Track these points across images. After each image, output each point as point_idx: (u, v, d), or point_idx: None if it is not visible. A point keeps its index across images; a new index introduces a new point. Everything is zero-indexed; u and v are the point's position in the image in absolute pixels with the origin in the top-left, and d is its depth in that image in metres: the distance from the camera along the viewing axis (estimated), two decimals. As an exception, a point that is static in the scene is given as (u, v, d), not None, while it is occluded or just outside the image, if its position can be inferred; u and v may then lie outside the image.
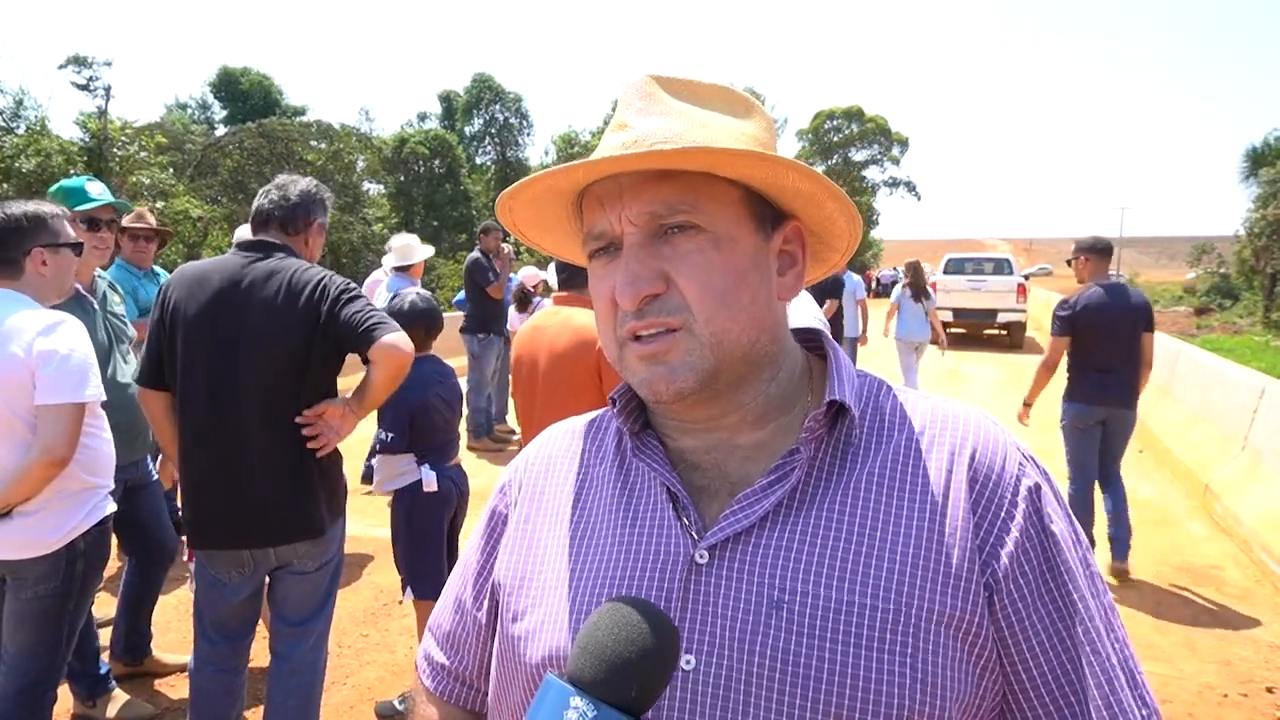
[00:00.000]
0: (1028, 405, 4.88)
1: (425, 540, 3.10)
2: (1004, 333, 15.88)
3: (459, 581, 0.93)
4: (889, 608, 0.67)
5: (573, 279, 2.64)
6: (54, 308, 2.62)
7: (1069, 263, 4.83)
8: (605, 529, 0.79)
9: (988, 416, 0.79)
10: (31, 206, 2.35)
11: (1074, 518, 0.77)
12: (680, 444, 0.81)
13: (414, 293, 3.23)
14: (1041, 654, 0.69)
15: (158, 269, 4.12)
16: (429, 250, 6.12)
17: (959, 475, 0.73)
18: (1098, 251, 4.60)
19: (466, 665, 0.91)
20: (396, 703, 3.19)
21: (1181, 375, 7.86)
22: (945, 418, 0.77)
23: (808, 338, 0.87)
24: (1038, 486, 0.74)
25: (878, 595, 0.68)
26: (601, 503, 0.82)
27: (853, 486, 0.73)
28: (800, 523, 0.72)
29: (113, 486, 2.47)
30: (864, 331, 9.07)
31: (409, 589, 3.12)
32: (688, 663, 0.69)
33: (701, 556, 0.72)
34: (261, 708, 2.56)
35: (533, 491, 0.88)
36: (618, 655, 0.57)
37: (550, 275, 2.96)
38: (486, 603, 0.87)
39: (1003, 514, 0.71)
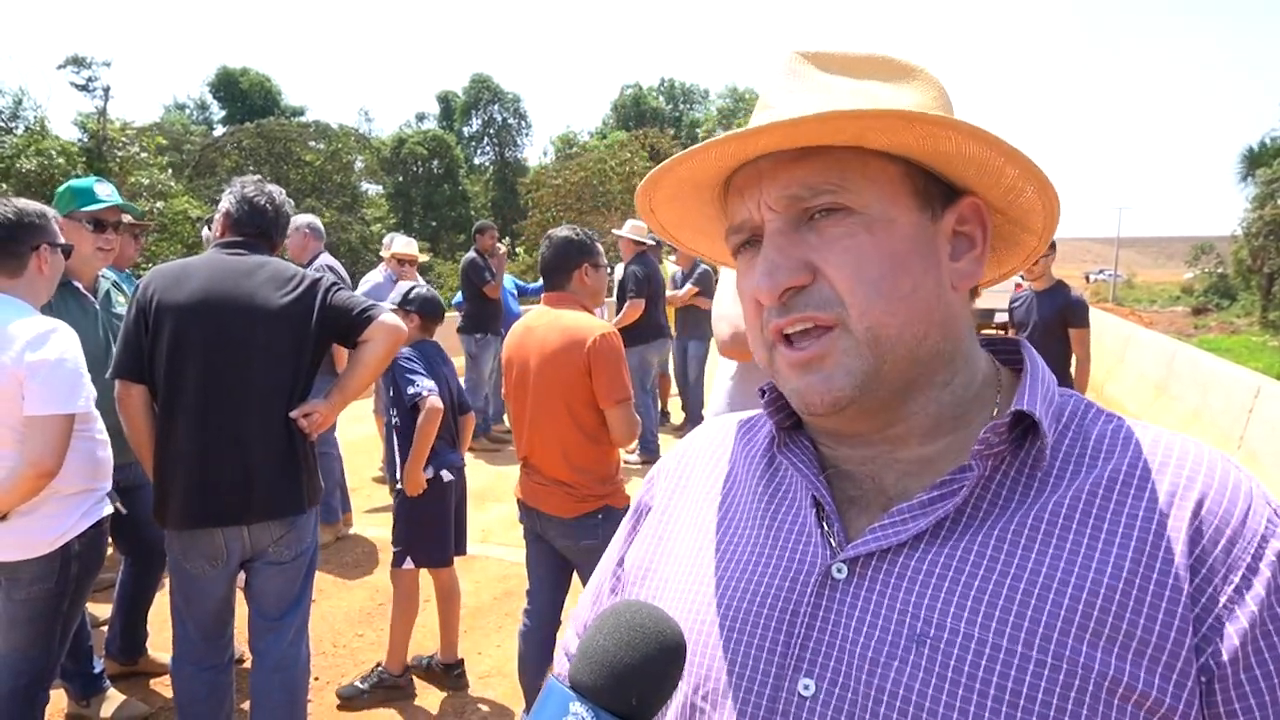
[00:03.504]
0: None
1: (431, 515, 3.19)
2: (1001, 332, 15.92)
3: (601, 572, 0.88)
4: (1059, 665, 0.55)
5: (554, 279, 2.64)
6: (55, 305, 2.64)
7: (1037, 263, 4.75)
8: (741, 529, 0.73)
9: (1227, 458, 0.64)
10: (35, 204, 2.36)
11: None
12: (835, 451, 0.72)
13: (418, 284, 3.44)
14: None
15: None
16: (409, 242, 6.14)
17: (1178, 523, 0.58)
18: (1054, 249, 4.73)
19: None
20: (359, 683, 3.24)
21: (1178, 375, 7.87)
22: (1169, 451, 0.63)
23: (1004, 347, 0.75)
24: None
25: (1045, 648, 0.56)
26: (742, 501, 0.75)
27: (1034, 516, 0.61)
28: (960, 549, 0.61)
29: (110, 488, 2.47)
30: None
31: (408, 558, 3.18)
32: (806, 688, 0.62)
33: (839, 570, 0.64)
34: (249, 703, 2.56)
35: (675, 483, 0.84)
36: (619, 661, 0.55)
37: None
38: (620, 594, 0.84)
39: (1237, 580, 0.56)
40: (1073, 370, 4.69)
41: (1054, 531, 0.60)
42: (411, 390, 3.07)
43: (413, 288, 3.29)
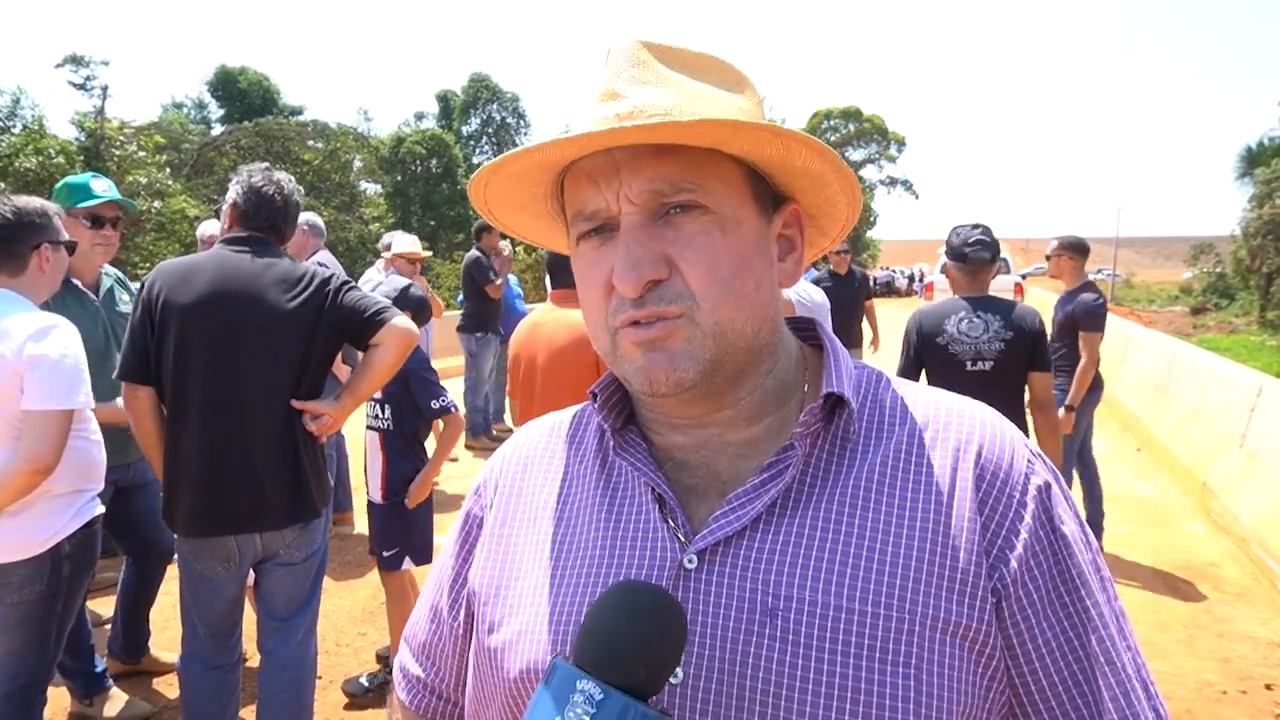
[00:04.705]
0: (1072, 409, 4.53)
1: (425, 515, 3.24)
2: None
3: (434, 588, 0.87)
4: (890, 615, 0.63)
5: (564, 276, 2.62)
6: (55, 304, 2.62)
7: (1048, 258, 4.83)
8: (587, 533, 0.74)
9: (993, 411, 0.74)
10: (38, 202, 2.34)
11: (1083, 519, 0.72)
12: (667, 440, 0.76)
13: (404, 281, 3.38)
14: (1053, 663, 0.65)
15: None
16: (414, 240, 5.99)
17: (964, 473, 0.68)
18: (1082, 252, 4.75)
19: (443, 678, 0.86)
20: (364, 679, 3.26)
21: (1179, 374, 7.87)
22: (949, 412, 0.73)
23: (801, 327, 0.82)
24: (1047, 485, 0.70)
25: (879, 602, 0.64)
26: (582, 505, 0.76)
27: (851, 485, 0.68)
28: (795, 524, 0.67)
29: (101, 489, 2.43)
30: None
31: (407, 558, 3.17)
32: (675, 676, 0.64)
33: (690, 562, 0.68)
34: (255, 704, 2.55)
35: (509, 492, 0.83)
36: (623, 637, 0.56)
37: None
38: (462, 612, 0.82)
39: (1011, 514, 0.67)
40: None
41: (870, 496, 0.68)
42: (438, 404, 3.08)
43: (408, 286, 3.27)
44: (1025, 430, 3.81)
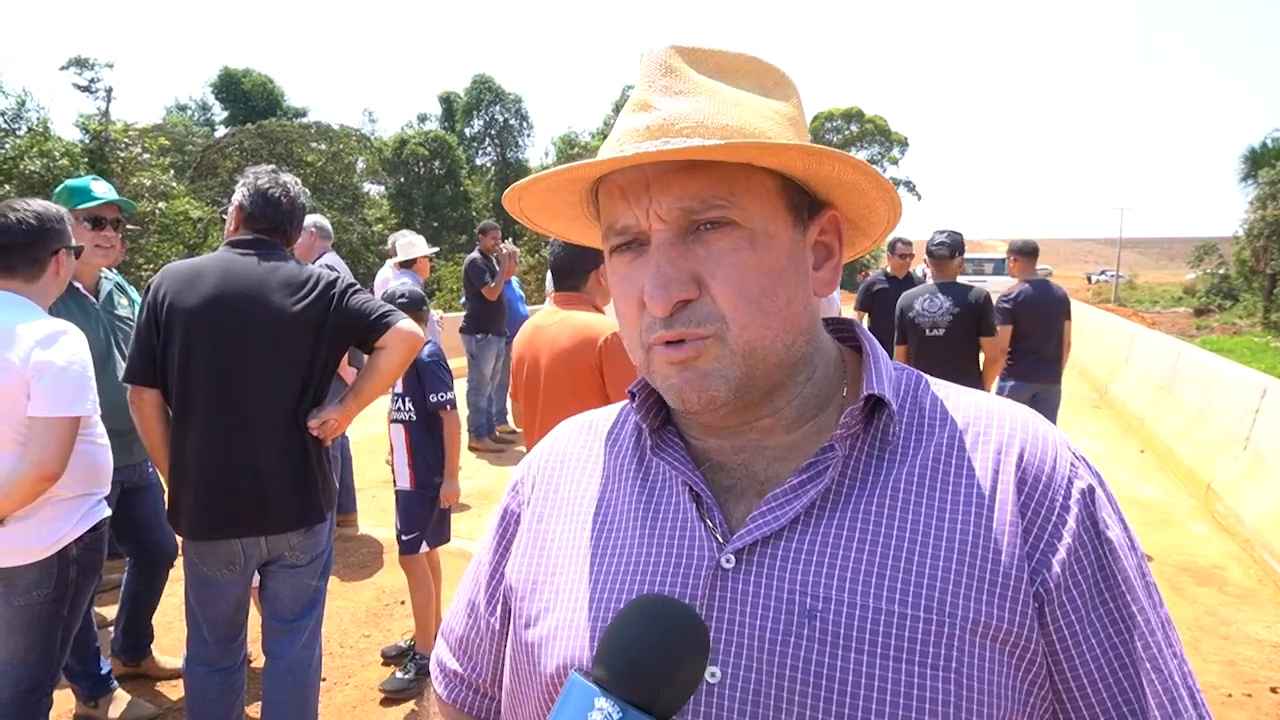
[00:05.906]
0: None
1: (432, 495, 3.39)
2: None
3: (471, 584, 0.88)
4: (930, 617, 0.63)
5: (569, 280, 2.62)
6: (57, 306, 2.62)
7: (1003, 261, 5.52)
8: (624, 531, 0.74)
9: (1035, 414, 0.73)
10: (55, 207, 2.35)
11: (1129, 524, 0.71)
12: (705, 444, 0.76)
13: (402, 283, 3.53)
14: (1097, 670, 0.64)
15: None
16: (421, 240, 6.14)
17: (1006, 476, 0.67)
18: (1026, 253, 5.39)
19: (480, 672, 0.86)
20: (399, 673, 3.34)
21: (1183, 375, 7.85)
22: (990, 414, 0.72)
23: (839, 328, 0.81)
24: (1091, 489, 0.69)
25: (918, 604, 0.63)
26: (620, 502, 0.77)
27: (890, 487, 0.68)
28: (834, 525, 0.67)
29: (108, 492, 2.44)
30: None
31: (424, 543, 3.32)
32: (712, 675, 0.64)
33: (728, 561, 0.67)
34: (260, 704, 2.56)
35: (546, 489, 0.83)
36: (644, 655, 0.54)
37: None
38: (499, 607, 0.83)
39: (1054, 518, 0.66)
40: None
41: (910, 498, 0.67)
42: (436, 398, 3.24)
43: (404, 286, 3.39)
44: (981, 383, 4.49)
